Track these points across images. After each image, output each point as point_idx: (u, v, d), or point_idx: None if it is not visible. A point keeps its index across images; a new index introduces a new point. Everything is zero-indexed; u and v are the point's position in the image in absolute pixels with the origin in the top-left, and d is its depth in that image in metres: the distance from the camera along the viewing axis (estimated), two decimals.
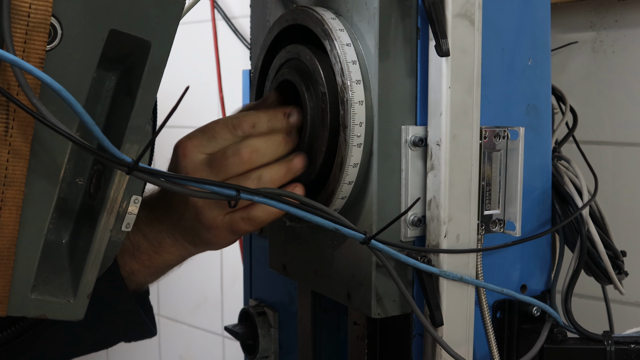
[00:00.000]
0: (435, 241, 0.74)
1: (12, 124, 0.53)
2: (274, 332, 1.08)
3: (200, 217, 0.75)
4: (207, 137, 0.75)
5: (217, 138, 0.75)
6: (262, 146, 0.74)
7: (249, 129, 0.75)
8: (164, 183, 0.59)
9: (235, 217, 0.75)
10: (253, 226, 0.76)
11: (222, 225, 0.76)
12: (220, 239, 0.78)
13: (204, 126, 0.77)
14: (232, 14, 1.74)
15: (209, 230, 0.76)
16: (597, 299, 0.99)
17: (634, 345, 0.79)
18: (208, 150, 0.75)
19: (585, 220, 0.83)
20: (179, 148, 0.75)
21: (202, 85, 1.80)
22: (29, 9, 0.52)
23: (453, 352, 0.71)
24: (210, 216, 0.75)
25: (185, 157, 0.74)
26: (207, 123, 0.77)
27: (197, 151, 0.75)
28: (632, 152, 1.14)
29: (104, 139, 0.54)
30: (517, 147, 0.76)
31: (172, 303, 1.99)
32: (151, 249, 0.79)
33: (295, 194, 0.68)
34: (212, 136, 0.75)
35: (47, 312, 0.60)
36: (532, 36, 0.82)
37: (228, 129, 0.75)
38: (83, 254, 0.62)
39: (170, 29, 0.60)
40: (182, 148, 0.75)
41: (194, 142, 0.75)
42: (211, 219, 0.75)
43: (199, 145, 0.75)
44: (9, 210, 0.55)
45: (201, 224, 0.76)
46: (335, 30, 0.74)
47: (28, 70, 0.51)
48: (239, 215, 0.75)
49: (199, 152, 0.75)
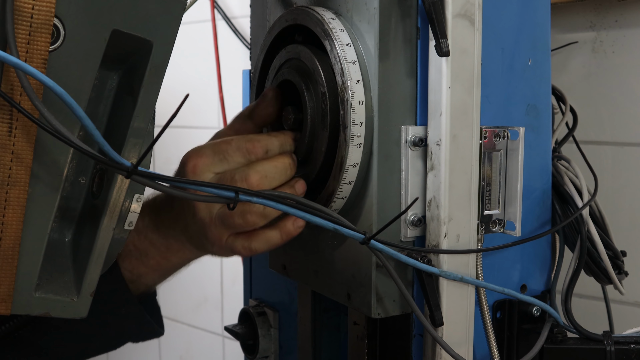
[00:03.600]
0: (435, 241, 0.74)
1: (15, 125, 0.54)
2: (274, 332, 1.08)
3: (206, 232, 0.75)
4: (219, 158, 0.74)
5: (228, 160, 0.74)
6: (270, 172, 0.74)
7: (262, 154, 0.75)
8: (163, 187, 0.59)
9: (237, 243, 0.76)
10: (252, 254, 0.77)
11: (225, 246, 0.76)
12: (223, 254, 0.79)
13: (216, 145, 0.76)
14: (232, 14, 1.74)
15: (213, 246, 0.77)
16: (597, 299, 1.00)
17: (634, 345, 0.80)
18: (217, 170, 0.74)
19: (585, 220, 0.83)
20: (188, 164, 0.74)
21: (202, 85, 1.80)
22: (31, 10, 0.52)
23: (453, 352, 0.71)
24: (216, 234, 0.75)
25: (195, 175, 0.74)
26: (219, 141, 0.76)
27: (207, 170, 0.74)
28: (632, 152, 1.14)
29: (104, 143, 0.54)
30: (517, 147, 0.76)
31: (172, 303, 1.99)
32: (159, 255, 0.79)
33: (294, 196, 0.69)
34: (224, 158, 0.74)
35: (51, 311, 0.61)
36: (532, 36, 0.82)
37: (242, 153, 0.74)
38: (86, 252, 0.62)
39: (171, 29, 0.61)
40: (192, 165, 0.74)
41: (204, 161, 0.74)
42: (217, 237, 0.75)
43: (210, 164, 0.74)
44: (13, 210, 0.56)
45: (206, 239, 0.76)
46: (335, 30, 0.74)
47: (31, 73, 0.51)
48: (240, 243, 0.76)
49: (209, 171, 0.74)
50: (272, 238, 0.75)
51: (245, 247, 0.76)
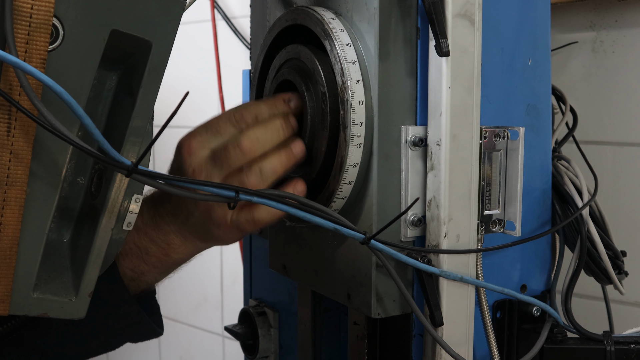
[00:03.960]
0: (435, 241, 0.74)
1: (14, 124, 0.54)
2: (274, 332, 1.08)
3: (211, 214, 0.75)
4: (212, 133, 0.75)
5: (221, 133, 0.75)
6: (262, 135, 0.74)
7: (252, 121, 0.75)
8: (163, 186, 0.59)
9: (241, 218, 0.75)
10: (257, 226, 0.76)
11: (231, 224, 0.76)
12: (229, 236, 0.78)
13: (207, 122, 0.77)
14: (232, 14, 1.74)
15: (219, 227, 0.76)
16: (597, 299, 1.00)
17: (634, 345, 0.80)
18: (212, 145, 0.75)
19: (585, 220, 0.83)
20: (184, 146, 0.75)
21: (202, 85, 1.80)
22: (30, 10, 0.52)
23: (453, 352, 0.71)
24: (221, 213, 0.75)
25: (191, 155, 0.75)
26: (210, 119, 0.77)
27: (202, 147, 0.75)
28: (632, 152, 1.14)
29: (104, 141, 0.54)
30: (517, 147, 0.76)
31: (172, 303, 1.99)
32: (160, 252, 0.79)
33: (294, 195, 0.69)
34: (217, 131, 0.75)
35: (49, 311, 0.60)
36: (532, 36, 0.82)
37: (231, 123, 0.75)
38: (84, 253, 0.62)
39: (171, 29, 0.61)
40: (186, 146, 0.75)
41: (198, 139, 0.75)
42: (222, 216, 0.75)
43: (204, 141, 0.75)
44: (11, 210, 0.56)
45: (211, 222, 0.76)
46: (335, 30, 0.74)
47: (30, 72, 0.51)
48: (244, 217, 0.75)
49: (204, 148, 0.75)
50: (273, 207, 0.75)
51: (249, 220, 0.75)
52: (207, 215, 0.76)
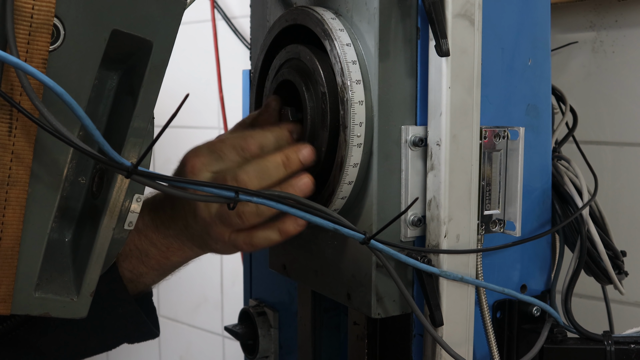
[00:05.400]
0: (435, 241, 0.74)
1: (15, 124, 0.54)
2: (274, 332, 1.08)
3: (209, 230, 0.76)
4: (215, 157, 0.76)
5: (224, 159, 0.76)
6: (260, 172, 0.74)
7: (256, 151, 0.76)
8: (163, 187, 0.59)
9: (239, 239, 0.76)
10: (254, 249, 0.78)
11: (228, 242, 0.77)
12: (226, 251, 0.80)
13: (212, 144, 0.78)
14: (232, 14, 1.74)
15: (217, 242, 0.78)
16: (597, 299, 1.00)
17: (634, 345, 0.80)
18: (214, 169, 0.76)
19: (585, 220, 0.83)
20: (187, 164, 0.76)
21: (202, 85, 1.80)
22: (31, 10, 0.52)
23: (453, 352, 0.71)
24: (218, 232, 0.76)
25: (194, 175, 0.76)
26: (215, 140, 0.78)
27: (205, 169, 0.75)
28: (632, 152, 1.14)
29: (104, 143, 0.54)
30: (517, 147, 0.76)
31: (172, 303, 1.99)
32: (159, 254, 0.80)
33: (294, 196, 0.69)
34: (220, 157, 0.76)
35: (51, 311, 0.61)
36: (532, 36, 0.82)
37: (236, 151, 0.76)
38: (86, 252, 0.62)
39: (171, 29, 0.61)
40: (190, 165, 0.76)
41: (202, 161, 0.76)
42: (219, 234, 0.76)
43: (207, 163, 0.76)
44: (12, 210, 0.56)
45: (209, 236, 0.77)
46: (335, 30, 0.74)
47: (31, 73, 0.51)
48: (242, 238, 0.76)
49: (206, 170, 0.75)
50: (271, 236, 0.76)
51: (246, 243, 0.77)
52: (205, 231, 0.77)
